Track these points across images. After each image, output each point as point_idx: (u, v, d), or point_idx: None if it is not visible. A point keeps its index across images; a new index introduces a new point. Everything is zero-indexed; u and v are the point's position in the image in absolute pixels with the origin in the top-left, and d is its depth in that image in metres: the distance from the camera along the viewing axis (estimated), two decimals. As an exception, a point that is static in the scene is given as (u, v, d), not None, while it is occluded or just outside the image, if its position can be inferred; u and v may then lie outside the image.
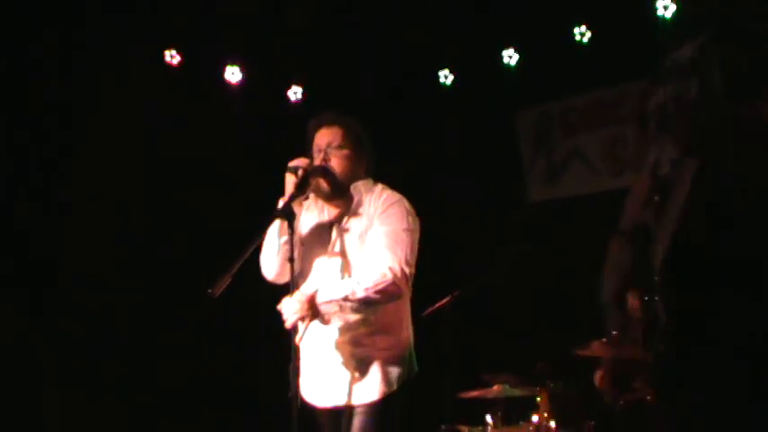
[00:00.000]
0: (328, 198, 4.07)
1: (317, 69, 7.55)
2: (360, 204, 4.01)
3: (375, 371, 3.95)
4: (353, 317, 3.91)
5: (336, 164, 4.03)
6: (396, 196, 4.05)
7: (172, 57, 7.00)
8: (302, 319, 3.74)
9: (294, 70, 7.75)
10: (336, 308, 3.80)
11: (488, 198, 7.60)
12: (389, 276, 3.81)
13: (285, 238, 3.84)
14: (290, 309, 3.73)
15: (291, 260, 3.74)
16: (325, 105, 7.18)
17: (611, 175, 7.34)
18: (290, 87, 7.82)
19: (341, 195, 4.05)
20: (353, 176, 4.07)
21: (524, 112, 7.89)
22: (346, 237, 3.99)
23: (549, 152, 7.76)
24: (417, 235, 3.99)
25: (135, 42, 6.61)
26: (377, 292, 3.80)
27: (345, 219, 4.04)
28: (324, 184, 4.00)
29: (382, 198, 4.03)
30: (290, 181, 3.91)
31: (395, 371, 3.99)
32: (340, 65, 7.46)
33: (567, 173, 7.66)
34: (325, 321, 3.86)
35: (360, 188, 4.06)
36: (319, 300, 3.79)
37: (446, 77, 7.85)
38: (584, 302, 6.61)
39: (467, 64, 7.73)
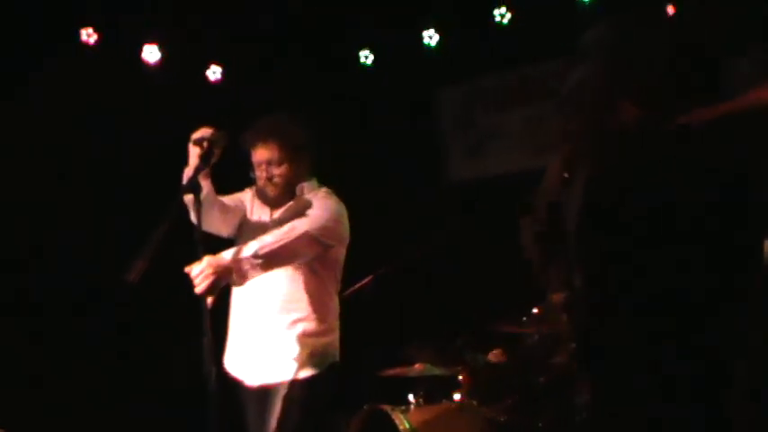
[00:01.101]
0: (275, 203, 4.16)
1: (237, 49, 7.46)
2: (307, 206, 4.05)
3: (303, 350, 3.99)
4: (282, 296, 3.95)
5: (278, 179, 4.12)
6: (336, 199, 4.16)
7: (89, 35, 6.85)
8: (213, 282, 3.69)
9: (214, 49, 7.65)
10: (248, 266, 3.77)
11: (410, 176, 7.62)
12: (297, 231, 3.86)
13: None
14: (199, 272, 3.68)
15: (199, 231, 3.70)
16: (244, 87, 7.24)
17: (532, 154, 7.41)
18: (208, 67, 7.72)
19: (286, 198, 4.16)
20: (297, 182, 4.18)
21: (445, 92, 7.92)
22: None
23: (470, 130, 7.80)
24: (343, 229, 4.11)
25: (50, 21, 6.47)
26: (284, 246, 3.82)
27: (291, 213, 4.10)
28: (270, 191, 4.12)
29: (322, 196, 4.15)
30: (194, 153, 3.90)
31: (322, 350, 4.04)
32: (257, 46, 7.39)
33: (488, 151, 7.71)
34: (238, 282, 3.82)
35: (303, 189, 4.17)
36: (228, 258, 3.77)
37: (366, 57, 7.83)
38: (506, 279, 6.72)
39: (387, 44, 7.72)
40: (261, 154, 4.12)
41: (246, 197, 4.32)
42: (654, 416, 2.08)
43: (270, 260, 3.80)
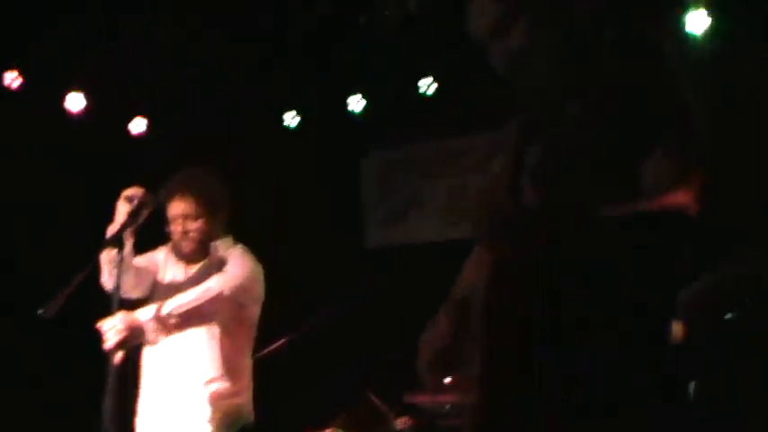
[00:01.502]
0: (190, 260, 4.10)
1: (164, 102, 7.44)
2: (222, 264, 4.02)
3: (215, 411, 3.94)
4: (194, 355, 3.90)
5: (194, 234, 4.07)
6: (253, 257, 4.12)
7: (12, 79, 6.77)
8: (124, 339, 3.64)
9: (139, 101, 7.62)
10: (162, 325, 3.75)
11: (331, 239, 7.63)
12: (213, 291, 3.85)
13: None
14: (110, 328, 3.63)
15: (117, 288, 3.69)
16: (169, 141, 7.21)
17: (449, 225, 7.49)
18: (132, 119, 7.68)
19: (201, 255, 4.10)
20: (212, 239, 4.13)
21: (368, 158, 7.98)
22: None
23: (390, 199, 7.86)
24: (259, 288, 4.10)
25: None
26: (199, 306, 3.82)
27: (205, 272, 4.05)
28: (185, 246, 4.07)
29: (239, 253, 4.10)
30: (123, 210, 3.89)
31: (235, 412, 4.00)
32: (186, 102, 7.38)
33: (406, 220, 7.78)
34: (151, 341, 3.79)
35: (218, 248, 4.11)
36: (141, 317, 3.74)
37: (292, 119, 7.85)
38: (414, 350, 6.71)
39: (313, 108, 7.78)
40: (177, 207, 4.08)
41: (160, 256, 4.26)
42: None
43: (184, 320, 3.78)
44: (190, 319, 3.80)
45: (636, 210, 2.01)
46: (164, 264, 4.23)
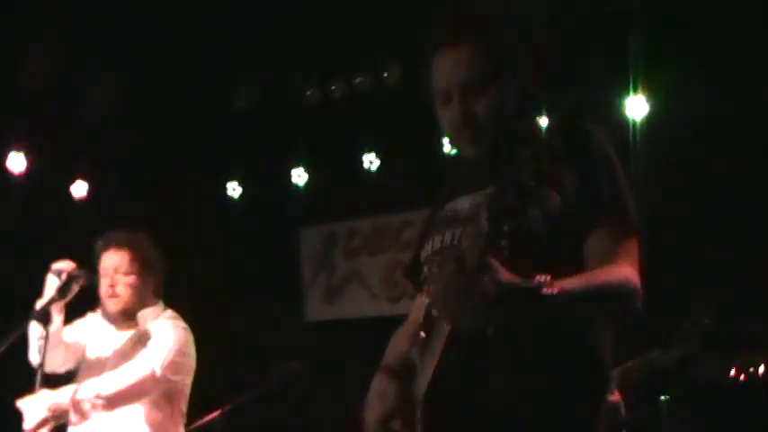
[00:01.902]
0: (116, 323, 3.99)
1: (105, 166, 7.41)
2: (148, 333, 3.93)
3: None
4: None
5: (123, 290, 3.94)
6: (182, 324, 4.01)
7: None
8: (45, 421, 3.57)
9: (80, 164, 7.58)
10: (88, 406, 3.66)
11: (266, 313, 7.60)
12: (142, 370, 3.75)
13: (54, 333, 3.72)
14: (31, 408, 3.55)
15: (41, 366, 3.61)
16: (108, 205, 7.18)
17: (388, 301, 7.50)
18: (74, 182, 7.63)
19: (129, 319, 3.97)
20: (141, 302, 3.99)
21: (308, 231, 7.99)
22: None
23: (329, 272, 7.87)
24: (191, 362, 3.98)
25: None
26: (128, 387, 3.72)
27: (133, 346, 3.93)
28: (113, 304, 3.93)
29: (168, 323, 3.98)
30: (52, 284, 3.78)
31: None
32: (130, 165, 7.36)
33: (346, 294, 7.78)
34: (77, 421, 3.71)
35: (147, 315, 3.99)
36: (67, 397, 3.66)
37: (234, 190, 7.86)
38: (351, 422, 6.67)
39: (255, 178, 7.80)
40: (110, 259, 3.96)
41: (88, 323, 4.13)
42: None
43: (112, 402, 3.69)
44: (117, 400, 3.71)
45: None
46: (91, 330, 4.08)
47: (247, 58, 6.97)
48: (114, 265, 3.94)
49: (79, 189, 7.64)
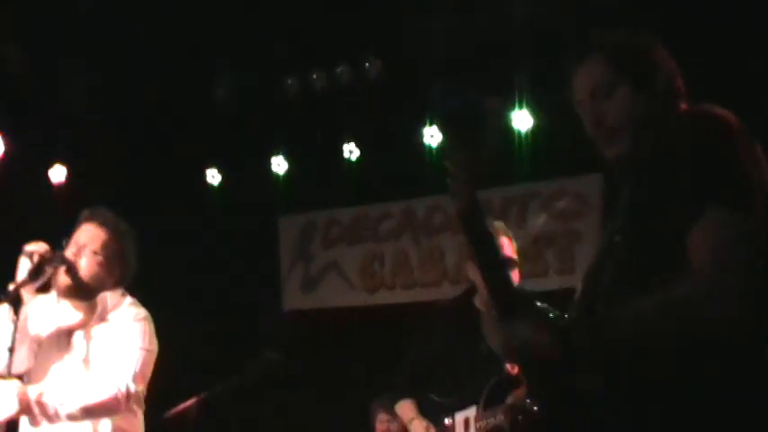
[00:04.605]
0: (71, 297, 3.84)
1: (84, 152, 7.38)
2: (105, 314, 3.84)
3: None
4: (84, 428, 3.73)
5: (86, 267, 3.79)
6: (142, 314, 3.89)
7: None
8: (11, 416, 3.54)
9: (59, 148, 7.55)
10: (51, 413, 3.61)
11: (243, 301, 7.60)
12: (112, 392, 3.66)
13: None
14: (2, 395, 3.50)
15: (11, 350, 3.51)
16: (86, 190, 7.14)
17: (366, 291, 7.52)
18: (52, 166, 7.60)
19: (84, 298, 3.84)
20: (100, 285, 3.85)
21: (287, 220, 7.99)
22: (90, 344, 3.82)
23: (307, 262, 7.87)
24: (154, 356, 3.87)
25: None
26: (96, 405, 3.64)
27: (89, 326, 3.83)
28: (66, 278, 3.76)
29: (128, 313, 3.87)
30: (24, 266, 3.66)
31: None
32: (109, 151, 7.33)
33: (323, 284, 7.78)
34: (34, 422, 3.66)
35: (106, 299, 3.88)
36: (33, 397, 3.59)
37: (213, 177, 7.85)
38: (327, 411, 6.69)
39: (234, 166, 7.78)
40: (87, 233, 3.81)
41: (39, 306, 3.87)
42: None
43: (76, 417, 3.62)
44: (82, 416, 3.63)
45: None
46: (44, 311, 3.86)
47: (228, 46, 6.95)
48: (88, 239, 3.80)
49: (57, 174, 7.60)
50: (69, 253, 3.78)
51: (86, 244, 3.80)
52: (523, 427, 3.05)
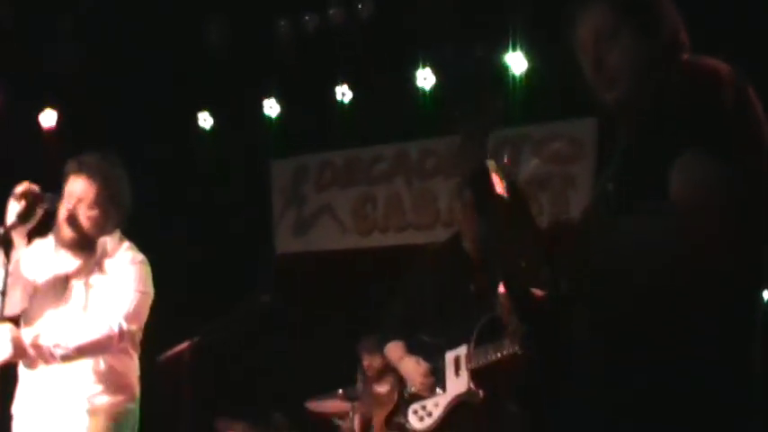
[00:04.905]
0: (72, 248, 3.86)
1: (75, 96, 7.33)
2: (102, 260, 3.85)
3: (98, 421, 3.79)
4: (79, 369, 3.75)
5: (83, 221, 3.81)
6: (139, 257, 3.91)
7: None
8: (6, 360, 3.56)
9: (49, 93, 7.50)
10: (47, 354, 3.62)
11: (236, 245, 7.60)
12: (104, 330, 3.68)
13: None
14: None
15: (3, 293, 3.52)
16: (79, 135, 7.10)
17: (359, 234, 7.52)
18: (42, 110, 7.55)
19: (85, 248, 3.85)
20: (99, 232, 3.87)
21: (280, 163, 7.96)
22: (89, 293, 3.82)
23: (300, 205, 7.86)
24: (149, 299, 3.88)
25: None
26: (89, 343, 3.66)
27: (88, 273, 3.84)
28: (68, 231, 3.81)
29: (124, 257, 3.88)
30: (13, 209, 3.65)
31: (120, 420, 3.84)
32: (100, 95, 7.27)
33: (316, 227, 7.78)
34: (31, 365, 3.69)
35: (105, 244, 3.88)
36: (28, 340, 3.60)
37: (205, 120, 7.81)
38: (320, 354, 6.72)
39: (227, 109, 7.74)
40: (77, 186, 3.81)
41: (36, 251, 3.92)
42: None
43: (70, 356, 3.65)
44: (77, 355, 3.66)
45: None
46: (41, 258, 3.90)
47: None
48: (80, 193, 3.81)
49: (48, 118, 7.56)
50: (64, 208, 3.80)
51: (80, 198, 3.80)
52: (520, 362, 3.04)
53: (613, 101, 2.31)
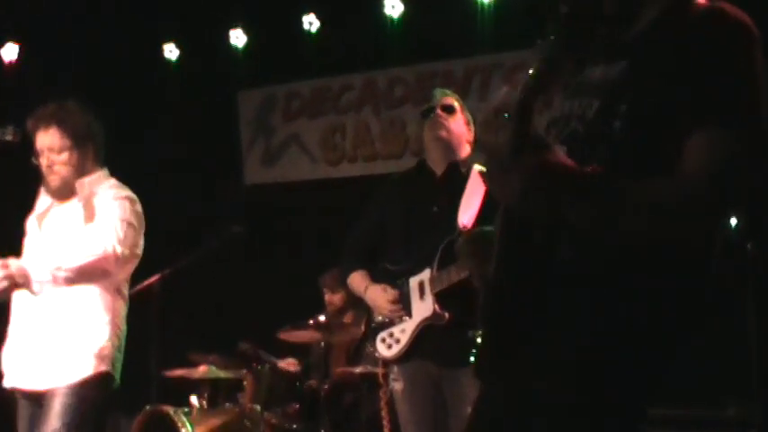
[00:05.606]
0: (60, 196, 3.93)
1: (38, 30, 7.22)
2: (91, 198, 3.89)
3: (81, 352, 3.82)
4: (65, 296, 3.78)
5: (60, 168, 3.89)
6: (123, 193, 3.94)
7: None
8: (7, 287, 3.58)
9: (11, 26, 7.39)
10: (49, 277, 3.66)
11: (204, 177, 7.58)
12: (99, 251, 3.72)
13: None
14: None
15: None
16: (42, 69, 7.01)
17: (327, 164, 7.51)
18: (4, 45, 7.44)
19: (71, 192, 3.91)
20: (80, 174, 3.92)
21: (247, 94, 7.91)
22: (81, 228, 3.85)
23: (268, 135, 7.82)
24: (137, 232, 3.90)
25: None
26: (89, 264, 3.68)
27: (77, 212, 3.88)
28: (54, 177, 3.88)
29: (108, 194, 3.90)
30: None
31: (100, 353, 3.87)
32: (59, 28, 7.17)
33: (284, 158, 7.76)
34: (33, 291, 3.70)
35: (86, 185, 3.92)
36: (29, 267, 3.64)
37: (171, 52, 7.73)
38: (291, 285, 6.75)
39: (192, 40, 7.66)
40: (42, 140, 3.89)
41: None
42: None
43: (72, 278, 3.68)
44: (79, 276, 3.69)
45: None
46: (36, 207, 4.04)
47: None
48: (46, 144, 3.88)
49: (9, 52, 7.46)
50: (43, 164, 3.88)
51: (50, 147, 3.87)
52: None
53: (610, 13, 2.16)
